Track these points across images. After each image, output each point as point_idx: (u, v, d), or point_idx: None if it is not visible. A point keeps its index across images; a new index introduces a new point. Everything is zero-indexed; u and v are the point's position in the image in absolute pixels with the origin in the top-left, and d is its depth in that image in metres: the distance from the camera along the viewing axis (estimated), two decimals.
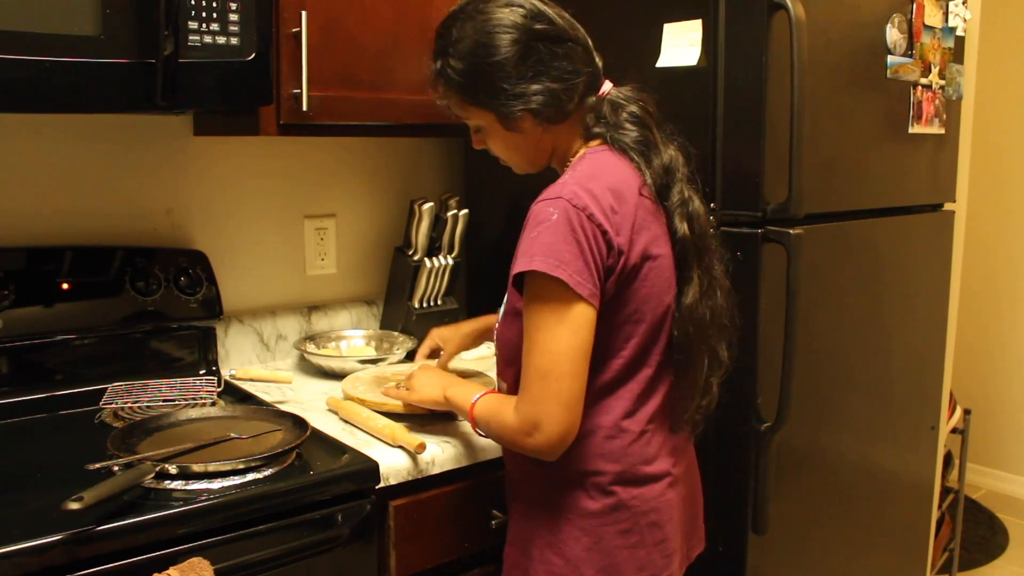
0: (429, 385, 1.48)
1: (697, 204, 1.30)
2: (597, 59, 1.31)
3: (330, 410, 1.65)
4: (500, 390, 1.37)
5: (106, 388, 1.65)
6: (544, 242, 1.17)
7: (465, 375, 1.71)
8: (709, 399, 1.34)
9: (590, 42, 1.31)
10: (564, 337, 1.17)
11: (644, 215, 1.24)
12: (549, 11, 1.27)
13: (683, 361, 1.28)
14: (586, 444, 1.26)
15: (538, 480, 1.31)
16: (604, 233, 1.18)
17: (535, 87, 1.24)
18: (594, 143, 1.30)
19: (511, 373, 1.31)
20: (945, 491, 2.77)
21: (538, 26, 1.24)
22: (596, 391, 1.25)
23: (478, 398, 1.32)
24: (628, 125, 1.28)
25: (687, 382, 1.30)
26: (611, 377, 1.25)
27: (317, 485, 1.35)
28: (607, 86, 1.32)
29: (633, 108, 1.29)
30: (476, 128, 1.36)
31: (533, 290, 1.19)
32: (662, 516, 1.29)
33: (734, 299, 1.35)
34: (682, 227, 1.26)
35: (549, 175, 1.34)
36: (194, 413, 1.53)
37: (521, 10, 1.25)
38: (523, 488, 1.34)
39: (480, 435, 1.35)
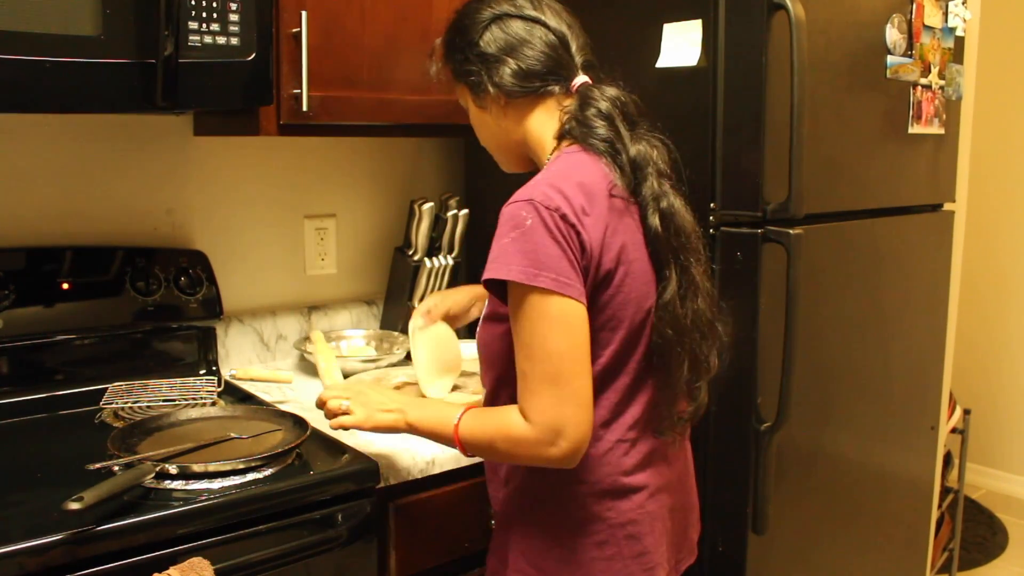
0: (379, 408, 1.33)
1: (673, 200, 1.25)
2: (575, 53, 1.30)
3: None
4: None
5: (106, 388, 1.65)
6: (520, 249, 1.14)
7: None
8: (697, 405, 1.29)
9: (573, 38, 1.31)
10: (562, 338, 1.14)
11: (617, 217, 1.20)
12: (539, 2, 1.31)
13: (661, 365, 1.24)
14: None
15: (513, 486, 1.29)
16: (578, 235, 1.16)
17: (497, 54, 1.28)
18: (566, 143, 1.28)
19: (489, 377, 1.30)
20: (945, 491, 2.77)
21: (516, 11, 1.29)
22: None
23: (460, 417, 1.23)
24: (596, 122, 1.25)
25: (667, 387, 1.25)
26: None
27: (317, 485, 1.35)
28: (580, 79, 1.29)
29: (602, 104, 1.25)
30: (467, 109, 1.39)
31: (518, 300, 1.16)
32: (641, 528, 1.25)
33: (720, 305, 1.31)
34: (654, 221, 1.22)
35: None
36: (194, 413, 1.53)
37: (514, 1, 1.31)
38: (501, 493, 1.33)
39: (469, 456, 1.26)
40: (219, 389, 1.71)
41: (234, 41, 1.46)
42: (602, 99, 1.26)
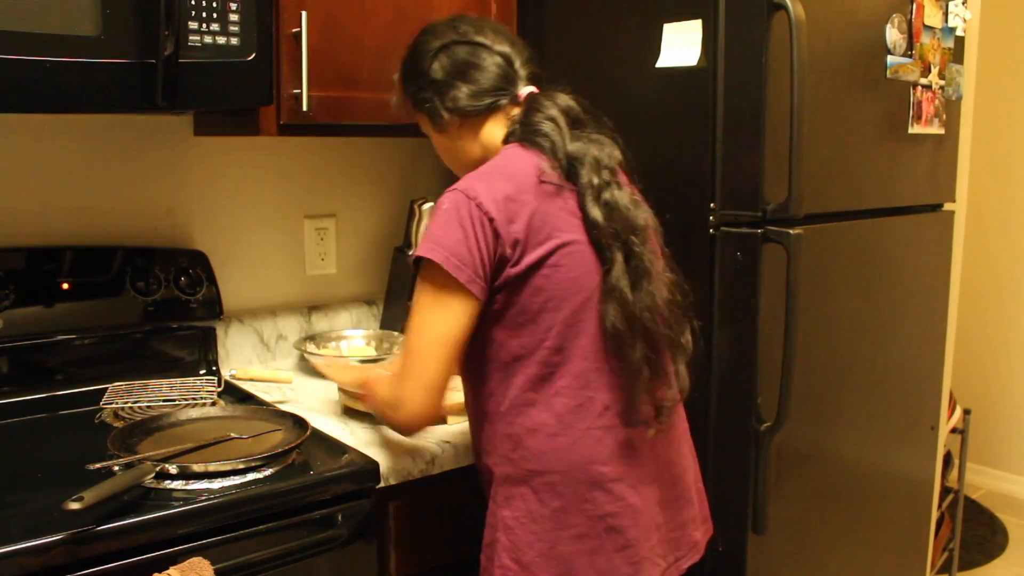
0: (349, 371, 1.61)
1: (616, 193, 1.28)
2: (519, 68, 1.37)
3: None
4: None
5: (106, 388, 1.65)
6: (431, 232, 1.23)
7: None
8: (673, 391, 1.30)
9: (517, 55, 1.37)
10: (437, 321, 1.23)
11: (548, 202, 1.25)
12: (481, 28, 1.38)
13: (616, 351, 1.25)
14: (531, 442, 1.25)
15: (496, 480, 1.30)
16: (491, 221, 1.21)
17: (447, 79, 1.35)
18: (510, 144, 1.34)
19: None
20: (945, 491, 2.77)
21: (461, 38, 1.36)
22: (527, 385, 1.25)
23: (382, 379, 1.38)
24: (541, 125, 1.30)
25: (625, 373, 1.26)
26: (539, 370, 1.24)
27: (317, 485, 1.35)
28: (526, 90, 1.36)
29: (546, 109, 1.32)
30: (429, 137, 1.45)
31: (420, 275, 1.25)
32: (622, 521, 1.25)
33: (684, 288, 1.33)
34: (593, 211, 1.26)
35: None
36: (194, 413, 1.53)
37: (456, 28, 1.37)
38: (490, 490, 1.33)
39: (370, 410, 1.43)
40: (219, 389, 1.71)
41: (234, 41, 1.46)
42: (546, 104, 1.33)
